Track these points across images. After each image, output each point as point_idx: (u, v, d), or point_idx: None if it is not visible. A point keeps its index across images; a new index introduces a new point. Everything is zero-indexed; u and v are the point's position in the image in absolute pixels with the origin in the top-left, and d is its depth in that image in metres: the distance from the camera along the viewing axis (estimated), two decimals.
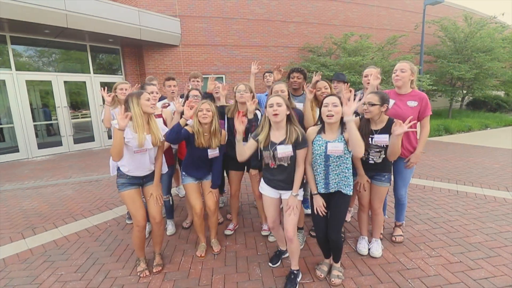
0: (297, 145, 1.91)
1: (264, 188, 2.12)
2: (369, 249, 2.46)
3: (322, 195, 2.00)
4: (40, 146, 7.35)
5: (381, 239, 2.54)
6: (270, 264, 2.32)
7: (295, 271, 2.08)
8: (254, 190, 2.71)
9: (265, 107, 1.96)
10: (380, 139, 2.12)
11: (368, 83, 2.64)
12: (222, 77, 9.74)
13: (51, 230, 3.07)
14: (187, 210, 3.22)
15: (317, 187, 2.00)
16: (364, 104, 2.12)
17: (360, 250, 2.44)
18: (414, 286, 2.03)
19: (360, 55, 8.93)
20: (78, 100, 8.25)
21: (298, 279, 2.07)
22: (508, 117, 11.33)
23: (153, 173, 2.27)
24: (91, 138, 8.36)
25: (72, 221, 3.29)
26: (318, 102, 2.60)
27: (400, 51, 10.76)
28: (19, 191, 4.47)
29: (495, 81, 11.65)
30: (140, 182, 2.22)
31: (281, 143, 1.93)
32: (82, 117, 8.22)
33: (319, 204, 1.98)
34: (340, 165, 1.93)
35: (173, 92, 3.16)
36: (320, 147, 1.93)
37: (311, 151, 1.99)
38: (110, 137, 8.66)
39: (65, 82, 7.71)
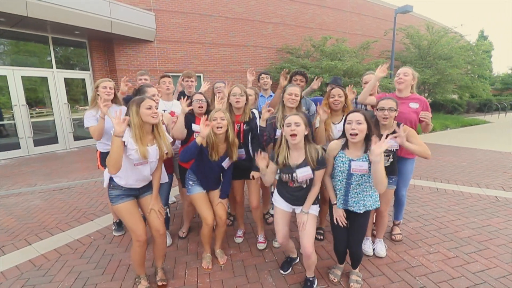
0: (316, 166, 1.86)
1: (278, 201, 2.04)
2: (373, 249, 2.51)
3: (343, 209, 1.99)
4: None
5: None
6: (281, 271, 2.25)
7: (310, 278, 2.03)
8: (252, 200, 2.54)
9: (282, 126, 1.93)
10: (391, 143, 2.14)
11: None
12: (200, 76, 9.43)
13: (24, 248, 2.67)
14: (182, 218, 3.02)
15: (337, 201, 1.99)
16: (380, 109, 2.13)
17: (366, 251, 2.48)
18: (423, 284, 2.11)
19: (337, 58, 9.24)
20: (36, 97, 7.37)
21: (315, 286, 2.02)
22: (464, 118, 12.57)
23: (150, 183, 2.07)
24: (54, 140, 7.55)
25: (48, 236, 2.90)
26: (331, 111, 2.48)
27: (371, 56, 11.37)
28: None
29: (453, 86, 12.84)
30: (137, 193, 2.00)
31: (300, 165, 1.87)
32: (37, 116, 7.31)
33: (339, 214, 1.95)
34: (362, 184, 1.89)
35: (169, 89, 2.92)
36: (343, 164, 1.89)
37: (332, 165, 1.96)
38: (76, 138, 7.91)
39: (22, 77, 6.86)
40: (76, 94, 8.19)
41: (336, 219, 1.97)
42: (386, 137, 1.65)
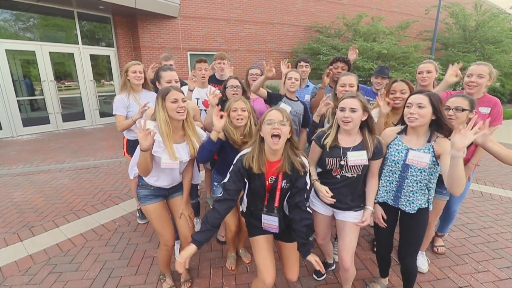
0: (373, 155, 1.59)
1: (316, 204, 1.83)
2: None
3: (390, 206, 1.71)
4: (25, 123, 6.69)
5: None
6: (315, 277, 2.11)
7: None
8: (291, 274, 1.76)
9: (336, 107, 1.62)
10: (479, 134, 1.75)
11: (423, 80, 2.32)
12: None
13: (52, 230, 2.71)
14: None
15: (379, 194, 1.73)
16: (445, 109, 1.79)
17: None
18: None
19: (372, 39, 8.47)
20: (64, 72, 7.45)
21: None
22: (506, 109, 11.42)
23: (180, 184, 1.91)
24: (81, 116, 7.71)
25: (75, 219, 2.92)
26: (392, 109, 2.04)
27: (409, 37, 10.36)
28: (7, 178, 4.00)
29: (499, 73, 11.57)
30: (166, 193, 1.86)
31: (354, 148, 1.61)
32: (66, 90, 7.43)
33: (377, 215, 1.71)
34: (420, 182, 1.58)
35: (204, 77, 2.64)
36: (398, 153, 1.61)
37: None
38: (102, 114, 8.03)
39: (50, 53, 6.90)
40: (102, 70, 8.21)
41: (377, 220, 1.73)
42: (472, 126, 1.26)
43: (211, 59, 3.05)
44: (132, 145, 2.53)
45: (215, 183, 2.10)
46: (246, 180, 1.55)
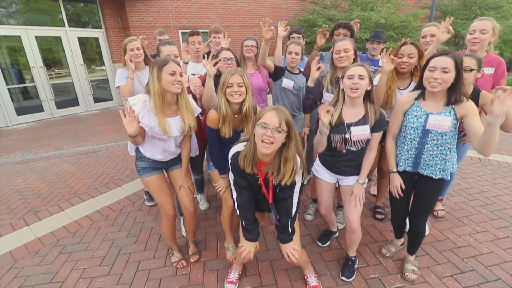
0: (375, 127, 1.58)
1: (320, 172, 1.84)
2: None
3: (408, 173, 1.69)
4: (19, 112, 6.56)
5: None
6: (319, 243, 2.18)
7: (352, 258, 1.91)
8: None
9: (342, 78, 1.58)
10: None
11: (427, 44, 2.25)
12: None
13: (57, 214, 2.73)
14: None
15: (398, 163, 1.70)
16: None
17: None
18: (472, 267, 1.95)
19: (369, 8, 8.15)
20: (53, 58, 7.20)
21: (356, 266, 1.91)
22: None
23: (178, 157, 1.89)
24: (75, 102, 7.55)
25: (79, 202, 2.95)
26: (397, 73, 1.97)
27: (407, 5, 9.95)
28: (7, 167, 3.98)
29: (498, 41, 11.29)
30: (165, 166, 1.86)
31: (357, 123, 1.59)
32: (56, 77, 7.23)
33: (396, 185, 1.70)
34: (441, 146, 1.54)
35: (198, 51, 2.55)
36: (417, 119, 1.56)
37: (399, 123, 1.65)
38: (96, 100, 7.88)
39: (37, 37, 6.62)
40: (91, 54, 7.93)
41: (393, 189, 1.72)
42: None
43: (205, 37, 2.92)
44: None
45: (211, 163, 2.03)
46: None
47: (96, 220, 2.62)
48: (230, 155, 1.48)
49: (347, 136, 1.60)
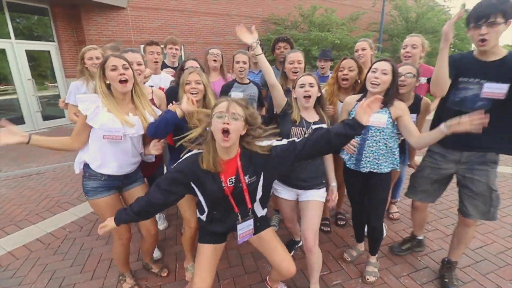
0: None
1: (279, 190, 1.81)
2: None
3: (360, 174, 1.78)
4: None
5: None
6: None
7: None
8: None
9: (293, 87, 1.63)
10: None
11: (358, 56, 2.47)
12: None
13: None
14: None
15: (345, 161, 1.85)
16: (400, 75, 1.83)
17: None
18: (425, 264, 2.05)
19: (326, 30, 8.80)
20: None
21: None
22: None
23: (137, 170, 1.71)
24: (20, 120, 6.83)
25: (16, 230, 2.58)
26: (339, 88, 2.14)
27: (359, 28, 10.98)
28: None
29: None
30: (119, 184, 1.64)
31: (316, 123, 1.66)
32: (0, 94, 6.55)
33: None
34: (379, 141, 1.69)
35: (157, 62, 2.45)
36: None
37: None
38: (45, 117, 7.22)
39: None
40: (42, 69, 7.35)
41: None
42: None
43: None
44: None
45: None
46: (193, 185, 1.33)
47: (34, 249, 2.29)
48: (183, 159, 1.35)
49: (308, 132, 1.65)
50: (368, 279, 1.86)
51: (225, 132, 1.20)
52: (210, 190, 1.31)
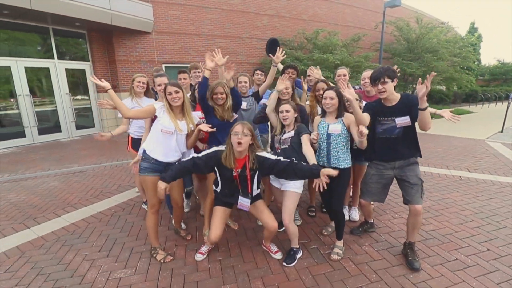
0: (299, 133, 2.35)
1: (272, 180, 2.54)
2: (349, 215, 3.06)
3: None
4: None
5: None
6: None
7: (294, 248, 2.40)
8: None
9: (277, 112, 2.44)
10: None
11: (339, 80, 3.15)
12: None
13: (55, 219, 3.13)
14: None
15: (318, 162, 2.45)
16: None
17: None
18: (385, 239, 2.67)
19: (329, 51, 9.65)
20: (39, 87, 7.64)
21: (298, 256, 2.39)
22: (449, 108, 13.25)
23: (178, 161, 2.41)
24: (57, 129, 7.88)
25: (73, 210, 3.36)
26: (317, 102, 2.82)
27: (362, 47, 11.81)
28: None
29: (439, 78, 13.46)
30: (162, 169, 2.31)
31: (289, 133, 2.42)
32: (41, 105, 7.58)
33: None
34: (338, 144, 2.38)
35: (184, 85, 3.20)
36: (323, 128, 2.43)
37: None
38: (78, 127, 8.25)
39: (26, 68, 7.11)
40: (77, 85, 8.47)
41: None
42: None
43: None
44: (136, 143, 3.01)
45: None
46: (216, 169, 2.18)
47: (91, 222, 3.06)
48: (212, 149, 2.18)
49: (281, 139, 2.42)
50: (332, 257, 2.39)
51: (239, 143, 2.03)
52: (224, 174, 2.15)
